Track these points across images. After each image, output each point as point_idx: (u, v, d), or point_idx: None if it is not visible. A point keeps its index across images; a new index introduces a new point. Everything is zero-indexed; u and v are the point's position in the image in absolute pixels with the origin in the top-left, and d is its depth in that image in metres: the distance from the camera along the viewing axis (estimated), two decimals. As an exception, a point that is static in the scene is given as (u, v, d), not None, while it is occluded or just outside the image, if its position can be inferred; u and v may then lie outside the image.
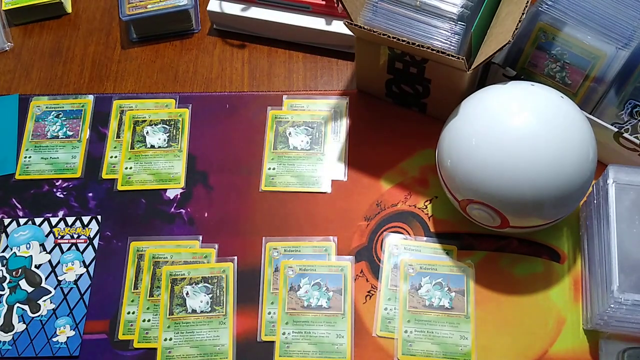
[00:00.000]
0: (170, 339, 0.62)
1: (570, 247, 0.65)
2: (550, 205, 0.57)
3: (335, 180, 0.70)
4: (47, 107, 0.75)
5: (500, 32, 0.61)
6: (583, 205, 0.65)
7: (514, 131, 0.56)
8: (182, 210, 0.69)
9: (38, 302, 0.64)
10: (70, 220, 0.68)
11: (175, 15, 0.78)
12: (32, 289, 0.65)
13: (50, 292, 0.65)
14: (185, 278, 0.65)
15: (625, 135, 0.63)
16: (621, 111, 0.65)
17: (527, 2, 0.60)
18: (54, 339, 0.63)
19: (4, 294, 0.65)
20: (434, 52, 0.60)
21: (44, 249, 0.67)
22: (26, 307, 0.64)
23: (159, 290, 0.64)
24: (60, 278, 0.65)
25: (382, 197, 0.68)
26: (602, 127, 0.63)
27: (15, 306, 0.64)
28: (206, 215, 0.68)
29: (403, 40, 0.60)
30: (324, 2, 0.75)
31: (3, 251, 0.67)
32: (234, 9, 0.77)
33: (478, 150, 0.57)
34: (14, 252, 0.67)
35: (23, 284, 0.65)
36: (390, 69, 0.68)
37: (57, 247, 0.67)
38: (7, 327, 0.63)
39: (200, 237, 0.67)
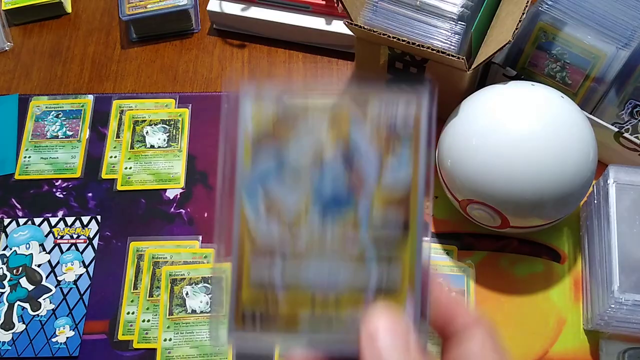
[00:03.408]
0: (170, 339, 0.62)
1: (570, 247, 0.65)
2: (551, 205, 0.57)
3: (335, 180, 0.69)
4: (46, 107, 0.75)
5: (501, 32, 0.61)
6: (583, 205, 0.65)
7: (514, 131, 0.56)
8: (181, 210, 0.69)
9: (38, 300, 0.64)
10: (69, 220, 0.68)
11: (175, 15, 0.78)
12: (33, 287, 0.65)
13: (51, 290, 0.65)
14: (185, 278, 0.64)
15: (626, 135, 0.63)
16: (621, 111, 0.64)
17: (527, 2, 0.60)
18: (54, 339, 0.63)
19: (4, 292, 0.65)
20: (434, 52, 0.60)
21: (44, 249, 0.67)
22: (27, 305, 0.64)
23: (159, 291, 0.64)
24: (59, 278, 0.65)
25: (382, 197, 0.68)
26: (602, 127, 0.63)
27: (16, 304, 0.64)
28: (206, 215, 0.68)
29: (403, 40, 0.60)
30: (323, 2, 0.75)
31: (3, 250, 0.67)
32: (234, 9, 0.77)
33: (478, 151, 0.57)
34: (14, 251, 0.67)
35: (24, 281, 0.65)
36: (390, 69, 0.68)
37: (57, 247, 0.67)
38: (8, 325, 0.63)
39: (200, 237, 0.67)
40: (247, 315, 0.29)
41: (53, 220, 0.68)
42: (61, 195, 0.70)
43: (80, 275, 0.65)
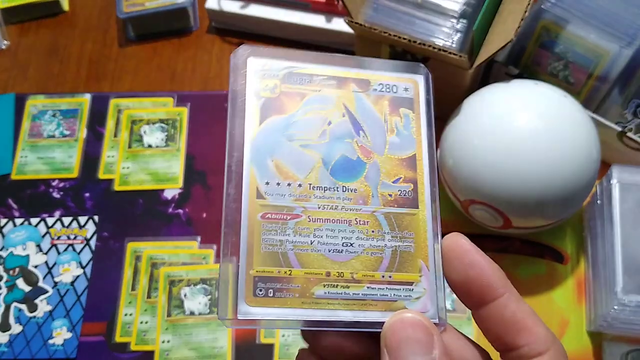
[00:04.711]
0: (168, 341, 0.61)
1: (573, 248, 0.64)
2: (553, 205, 0.56)
3: (335, 180, 0.69)
4: (43, 106, 0.74)
5: (503, 30, 0.61)
6: (586, 206, 0.64)
7: (517, 130, 0.55)
8: (180, 210, 0.68)
9: (35, 301, 0.64)
10: (66, 220, 0.68)
11: (173, 13, 0.78)
12: (30, 288, 0.64)
13: (48, 292, 0.64)
14: (183, 279, 0.64)
15: (629, 134, 0.62)
16: (625, 110, 0.64)
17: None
18: (51, 341, 0.62)
19: (1, 293, 0.64)
20: (436, 50, 0.59)
21: (40, 250, 0.66)
22: (23, 307, 0.64)
23: (157, 292, 0.63)
24: (56, 279, 0.65)
25: (383, 197, 0.68)
26: (605, 126, 0.62)
27: (13, 305, 0.64)
28: (204, 215, 0.68)
29: (404, 38, 0.60)
30: (324, 0, 0.74)
31: (0, 250, 0.66)
32: (233, 7, 0.76)
33: (480, 150, 0.56)
34: (11, 251, 0.66)
35: (20, 283, 0.65)
36: (391, 68, 0.67)
37: (54, 248, 0.66)
38: (5, 326, 0.63)
39: (199, 238, 0.66)
40: (259, 288, 0.27)
41: (50, 221, 0.68)
42: (58, 196, 0.69)
43: (78, 276, 0.65)
